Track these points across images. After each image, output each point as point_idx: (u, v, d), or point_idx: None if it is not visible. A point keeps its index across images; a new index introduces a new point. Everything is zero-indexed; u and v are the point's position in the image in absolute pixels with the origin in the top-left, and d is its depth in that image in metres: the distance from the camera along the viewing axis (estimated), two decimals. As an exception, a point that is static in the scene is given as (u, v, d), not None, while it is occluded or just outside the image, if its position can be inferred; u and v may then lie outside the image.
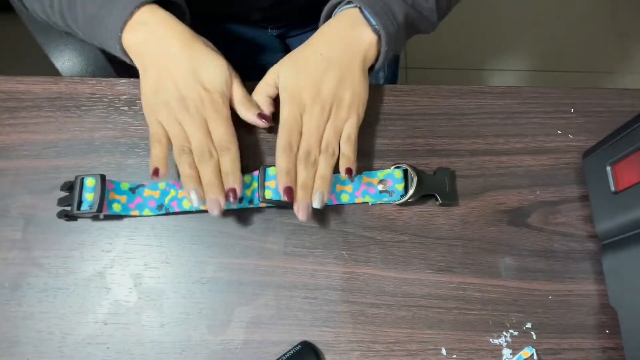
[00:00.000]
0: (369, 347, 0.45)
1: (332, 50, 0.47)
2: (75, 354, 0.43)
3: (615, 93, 0.55)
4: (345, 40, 0.48)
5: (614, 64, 1.59)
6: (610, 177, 0.45)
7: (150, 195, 0.46)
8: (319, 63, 0.47)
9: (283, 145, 0.45)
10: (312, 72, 0.47)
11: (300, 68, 0.47)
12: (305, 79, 0.47)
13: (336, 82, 0.47)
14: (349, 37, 0.48)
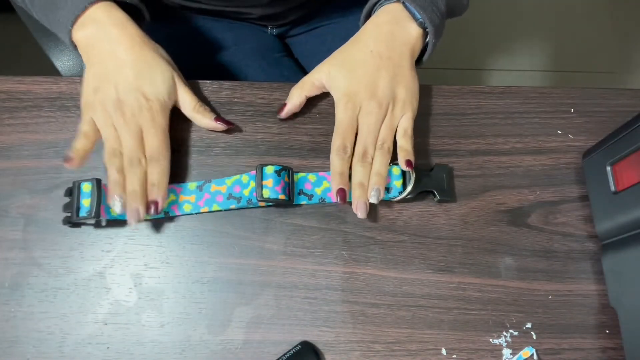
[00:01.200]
0: (369, 347, 0.45)
1: (381, 47, 0.47)
2: (75, 354, 0.43)
3: (615, 93, 0.55)
4: (393, 36, 0.48)
5: (614, 64, 1.59)
6: (610, 177, 0.45)
7: None
8: (371, 61, 0.47)
9: (337, 147, 0.46)
10: (365, 71, 0.47)
11: (352, 67, 0.47)
12: (359, 79, 0.47)
13: (390, 80, 0.47)
14: (395, 32, 0.48)
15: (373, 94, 0.46)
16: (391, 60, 0.47)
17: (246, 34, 0.68)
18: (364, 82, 0.47)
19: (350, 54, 0.48)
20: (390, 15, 0.48)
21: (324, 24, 0.73)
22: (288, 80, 0.67)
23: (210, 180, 0.47)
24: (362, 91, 0.46)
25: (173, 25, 0.66)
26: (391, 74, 0.47)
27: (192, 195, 0.47)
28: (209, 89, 0.52)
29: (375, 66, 0.47)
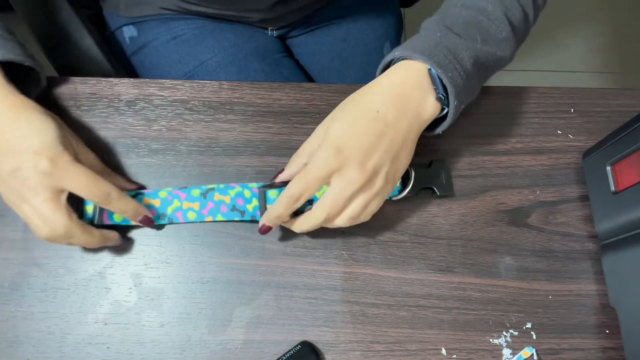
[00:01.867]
0: (369, 347, 0.45)
1: (390, 112, 0.41)
2: (75, 354, 0.43)
3: (615, 93, 0.55)
4: (407, 103, 0.42)
5: (614, 64, 1.59)
6: (610, 177, 0.45)
7: (150, 204, 0.46)
8: (374, 124, 0.41)
9: (291, 194, 0.41)
10: (366, 132, 0.41)
11: (353, 121, 0.41)
12: (356, 138, 0.41)
13: (386, 153, 0.41)
14: (411, 99, 0.42)
15: (363, 163, 0.40)
16: (396, 132, 0.41)
17: (246, 35, 0.68)
18: (360, 144, 0.40)
19: (355, 109, 0.42)
20: (409, 75, 0.42)
21: (323, 25, 0.73)
22: (288, 81, 0.67)
23: (214, 188, 0.47)
24: (353, 152, 0.40)
25: (174, 27, 0.66)
26: (390, 147, 0.41)
27: (196, 203, 0.46)
28: (209, 89, 0.52)
29: (377, 132, 0.41)
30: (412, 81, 0.42)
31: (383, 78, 0.43)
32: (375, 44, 0.73)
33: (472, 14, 0.44)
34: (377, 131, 0.41)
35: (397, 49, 0.43)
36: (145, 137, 0.49)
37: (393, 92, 0.42)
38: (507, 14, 0.44)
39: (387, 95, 0.42)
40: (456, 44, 0.42)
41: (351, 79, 0.72)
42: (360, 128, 0.41)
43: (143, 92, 0.51)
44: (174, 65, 0.66)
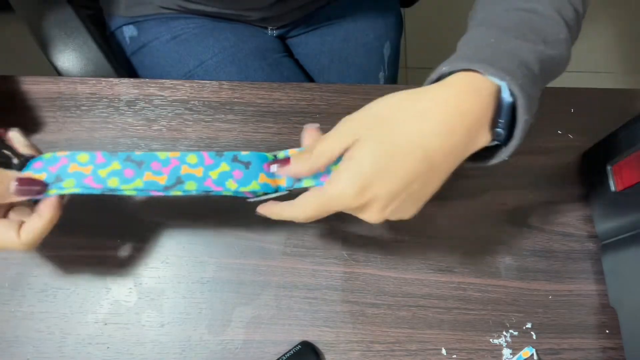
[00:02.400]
0: (369, 347, 0.45)
1: (441, 149, 0.34)
2: (75, 354, 0.43)
3: (615, 93, 0.55)
4: (462, 134, 0.34)
5: (614, 64, 1.59)
6: (610, 177, 0.45)
7: None
8: (416, 165, 0.34)
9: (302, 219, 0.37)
10: (401, 175, 0.34)
11: (390, 158, 0.33)
12: (386, 181, 0.34)
13: (415, 193, 0.35)
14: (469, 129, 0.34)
15: (385, 207, 0.35)
16: (439, 173, 0.35)
17: (246, 34, 0.68)
18: (390, 186, 0.34)
19: (399, 138, 0.34)
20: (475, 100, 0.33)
21: (323, 24, 0.73)
22: (288, 81, 0.67)
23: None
24: (379, 195, 0.34)
25: (174, 27, 0.66)
26: (424, 187, 0.35)
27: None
28: (209, 89, 0.52)
29: (416, 173, 0.34)
30: (476, 108, 0.33)
31: (437, 105, 0.34)
32: (375, 44, 0.73)
33: (524, 16, 0.37)
34: (416, 173, 0.34)
35: (445, 64, 0.35)
36: (145, 137, 0.49)
37: (450, 127, 0.33)
38: (560, 13, 0.38)
39: (442, 129, 0.33)
40: (519, 47, 0.35)
41: (351, 79, 0.72)
42: (398, 166, 0.33)
43: (143, 92, 0.51)
44: (174, 64, 0.66)
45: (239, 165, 0.38)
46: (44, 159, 0.37)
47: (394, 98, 0.35)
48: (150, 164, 0.37)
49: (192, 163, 0.38)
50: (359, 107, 0.51)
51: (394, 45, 0.76)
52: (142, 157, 0.37)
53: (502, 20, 0.37)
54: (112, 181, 0.37)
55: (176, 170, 0.37)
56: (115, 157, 0.37)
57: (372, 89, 0.53)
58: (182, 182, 0.37)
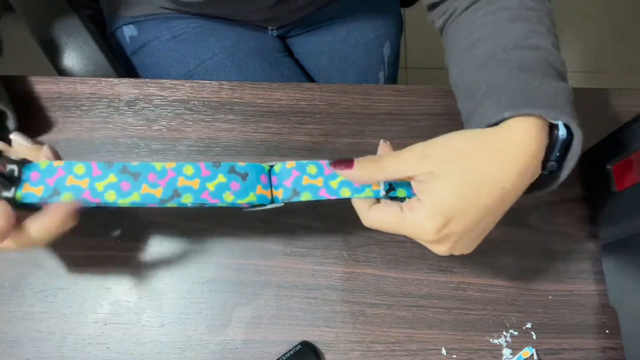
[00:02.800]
0: (369, 347, 0.45)
1: (517, 186, 0.35)
2: (75, 354, 0.43)
3: (615, 93, 0.55)
4: (532, 172, 0.36)
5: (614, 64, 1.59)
6: (610, 177, 0.45)
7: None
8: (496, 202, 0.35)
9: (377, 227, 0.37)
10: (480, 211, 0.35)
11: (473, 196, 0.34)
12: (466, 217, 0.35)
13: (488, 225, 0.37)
14: (537, 167, 0.36)
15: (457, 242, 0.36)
16: (507, 205, 0.37)
17: (247, 34, 0.68)
18: (468, 222, 0.35)
19: (480, 175, 0.34)
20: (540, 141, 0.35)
21: (324, 24, 0.73)
22: (288, 80, 0.67)
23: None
24: (458, 230, 0.35)
25: (174, 26, 0.66)
26: (495, 219, 0.37)
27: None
28: (209, 89, 0.52)
29: (493, 209, 0.36)
30: (541, 149, 0.35)
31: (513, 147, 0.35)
32: (375, 44, 0.73)
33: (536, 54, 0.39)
34: (492, 209, 0.35)
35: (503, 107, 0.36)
36: (145, 137, 0.49)
37: (526, 165, 0.35)
38: (555, 46, 0.41)
39: (519, 169, 0.35)
40: (559, 87, 0.37)
41: (351, 78, 0.72)
42: (479, 204, 0.35)
43: (143, 92, 0.51)
44: (174, 64, 0.66)
45: (236, 177, 0.38)
46: (40, 169, 0.36)
47: (467, 133, 0.36)
48: (146, 176, 0.37)
49: (188, 174, 0.37)
50: (359, 107, 0.52)
51: (394, 45, 0.76)
52: (139, 168, 0.37)
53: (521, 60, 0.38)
54: (109, 195, 0.36)
55: (172, 182, 0.37)
56: (111, 168, 0.36)
57: (372, 88, 0.53)
58: (179, 195, 0.37)
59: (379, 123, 0.52)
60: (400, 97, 0.53)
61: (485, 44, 0.41)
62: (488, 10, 0.42)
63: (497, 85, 0.38)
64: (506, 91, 0.37)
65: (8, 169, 0.36)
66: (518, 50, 0.39)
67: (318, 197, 0.38)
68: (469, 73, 0.41)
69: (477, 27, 0.42)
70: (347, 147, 0.50)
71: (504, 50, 0.40)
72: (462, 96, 0.42)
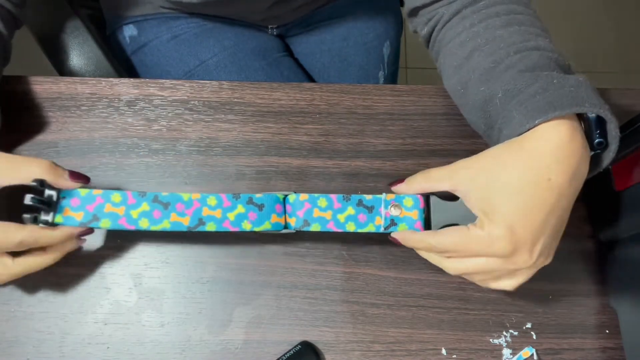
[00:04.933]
0: (369, 347, 0.45)
1: (562, 175, 0.34)
2: (75, 354, 0.43)
3: (615, 93, 0.55)
4: (577, 161, 0.35)
5: (614, 64, 1.59)
6: (610, 177, 0.45)
7: None
8: (547, 196, 0.34)
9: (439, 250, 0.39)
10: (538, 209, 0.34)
11: (524, 195, 0.34)
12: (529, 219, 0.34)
13: (555, 229, 0.36)
14: (581, 155, 0.35)
15: (534, 246, 0.35)
16: (568, 200, 0.35)
17: (246, 34, 0.68)
18: (533, 223, 0.34)
19: (521, 173, 0.35)
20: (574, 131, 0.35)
21: (323, 24, 0.73)
22: (288, 80, 0.67)
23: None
24: (527, 234, 0.34)
25: (174, 26, 0.66)
26: (560, 220, 0.35)
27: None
28: (209, 89, 0.52)
29: (550, 205, 0.34)
30: (578, 137, 0.35)
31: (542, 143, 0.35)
32: (375, 43, 0.73)
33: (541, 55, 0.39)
34: (550, 204, 0.34)
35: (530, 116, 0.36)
36: (145, 137, 0.49)
37: (565, 153, 0.35)
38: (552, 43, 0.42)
39: (559, 158, 0.34)
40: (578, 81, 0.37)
41: (351, 78, 0.72)
42: (533, 202, 0.34)
43: (143, 92, 0.51)
44: (174, 64, 0.66)
45: (253, 207, 0.42)
46: (80, 196, 0.40)
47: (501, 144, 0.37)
48: (175, 205, 0.41)
49: (211, 205, 0.41)
50: (359, 107, 0.52)
51: (394, 44, 0.76)
52: (168, 198, 0.41)
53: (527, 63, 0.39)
54: (142, 222, 0.40)
55: (198, 212, 0.41)
56: (144, 197, 0.40)
57: (372, 88, 0.53)
58: (204, 224, 0.41)
59: (379, 123, 0.52)
60: (400, 97, 0.53)
61: (484, 52, 0.41)
62: (477, 18, 0.42)
63: (514, 91, 0.38)
64: (528, 95, 0.37)
65: (47, 194, 0.38)
66: (520, 54, 0.39)
67: (326, 229, 0.42)
68: (475, 84, 0.41)
69: (471, 36, 0.42)
70: (347, 147, 0.50)
71: (507, 56, 0.40)
72: (470, 106, 0.43)
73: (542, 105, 0.35)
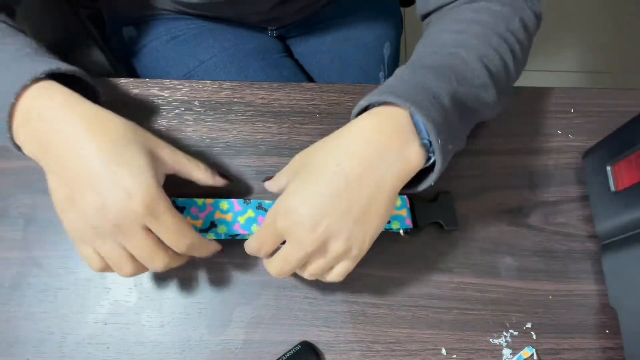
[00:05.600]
0: (369, 347, 0.45)
1: (355, 163, 0.35)
2: (75, 354, 0.43)
3: (615, 93, 0.55)
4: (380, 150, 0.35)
5: (614, 64, 1.59)
6: (610, 177, 0.45)
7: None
8: (332, 181, 0.35)
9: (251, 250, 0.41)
10: (318, 194, 0.35)
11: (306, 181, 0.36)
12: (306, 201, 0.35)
13: (344, 215, 0.35)
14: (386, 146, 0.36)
15: (314, 227, 0.35)
16: (360, 189, 0.35)
17: (246, 35, 0.68)
18: (310, 205, 0.35)
19: (315, 160, 0.37)
20: (385, 121, 0.36)
21: (323, 25, 0.73)
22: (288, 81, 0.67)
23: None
24: (303, 215, 0.35)
25: (174, 27, 0.66)
26: (350, 207, 0.35)
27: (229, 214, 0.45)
28: (209, 89, 0.52)
29: (333, 190, 0.35)
30: (388, 127, 0.36)
31: (353, 125, 0.37)
32: (375, 44, 0.73)
33: (445, 58, 0.40)
34: (334, 190, 0.35)
35: (366, 96, 0.38)
36: (145, 137, 0.49)
37: (363, 141, 0.36)
38: (482, 60, 0.41)
39: (355, 145, 0.36)
40: (429, 81, 0.37)
41: (351, 79, 0.72)
42: (314, 187, 0.35)
43: (143, 92, 0.51)
44: (174, 65, 0.66)
45: (262, 212, 0.45)
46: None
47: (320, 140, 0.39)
48: (190, 209, 0.44)
49: (223, 209, 0.44)
50: (358, 107, 0.52)
51: (394, 45, 0.76)
52: (184, 202, 0.44)
53: (424, 60, 0.41)
54: None
55: (210, 215, 0.44)
56: None
57: (372, 88, 0.52)
58: (216, 226, 0.43)
59: (379, 123, 0.52)
60: (400, 97, 0.53)
61: (416, 52, 0.44)
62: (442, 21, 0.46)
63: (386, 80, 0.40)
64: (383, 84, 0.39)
65: None
66: (436, 55, 0.41)
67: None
68: None
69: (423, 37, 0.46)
70: (347, 147, 0.50)
71: (423, 53, 0.42)
72: None
73: (373, 92, 0.38)
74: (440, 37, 0.43)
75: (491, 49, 0.42)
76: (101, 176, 0.34)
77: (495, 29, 0.43)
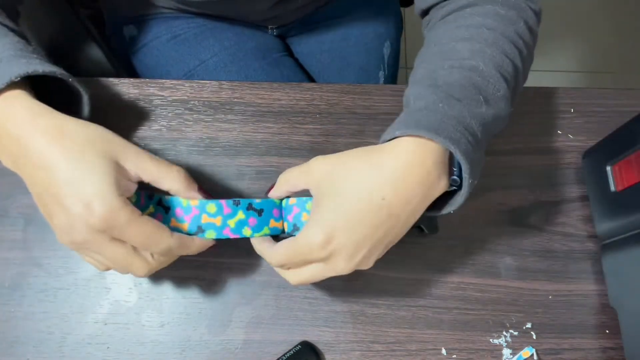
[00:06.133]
0: (369, 347, 0.45)
1: (398, 197, 0.36)
2: (75, 354, 0.43)
3: (615, 93, 0.55)
4: (418, 185, 0.36)
5: (614, 64, 1.59)
6: (610, 177, 0.45)
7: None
8: (376, 213, 0.36)
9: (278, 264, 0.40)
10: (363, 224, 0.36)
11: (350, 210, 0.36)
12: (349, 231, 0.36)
13: (379, 241, 0.37)
14: (423, 181, 0.36)
15: (353, 256, 0.36)
16: (399, 219, 0.37)
17: (247, 34, 0.68)
18: (354, 236, 0.36)
19: (357, 190, 0.36)
20: (424, 157, 0.36)
21: (323, 24, 0.73)
22: (288, 80, 0.67)
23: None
24: (345, 245, 0.36)
25: (174, 26, 0.66)
26: (386, 235, 0.37)
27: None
28: (209, 89, 0.52)
29: (377, 222, 0.36)
30: (428, 161, 0.36)
31: (390, 159, 0.36)
32: (375, 43, 0.73)
33: (466, 75, 0.39)
34: (377, 221, 0.36)
35: (398, 127, 0.37)
36: (145, 137, 0.49)
37: (404, 171, 0.36)
38: (500, 71, 0.40)
39: (397, 176, 0.36)
40: (462, 112, 0.37)
41: (351, 78, 0.72)
42: (359, 217, 0.36)
43: (143, 92, 0.51)
44: (174, 64, 0.66)
45: (253, 213, 0.41)
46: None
47: (354, 150, 0.38)
48: (174, 211, 0.40)
49: (211, 212, 0.40)
50: (359, 107, 0.52)
51: (394, 44, 0.76)
52: (170, 202, 0.40)
53: (445, 80, 0.40)
54: None
55: (197, 219, 0.40)
56: (151, 200, 0.40)
57: (372, 88, 0.53)
58: (203, 231, 0.40)
59: (379, 123, 0.52)
60: (400, 97, 0.53)
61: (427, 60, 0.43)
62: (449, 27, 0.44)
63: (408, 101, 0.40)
64: (412, 108, 0.39)
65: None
66: (454, 71, 0.40)
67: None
68: (409, 87, 0.42)
69: (432, 43, 0.45)
70: (347, 147, 0.50)
71: (442, 68, 0.41)
72: None
73: (410, 121, 0.37)
74: (453, 47, 0.42)
75: (504, 55, 0.41)
76: (64, 192, 0.34)
77: (504, 34, 0.42)
